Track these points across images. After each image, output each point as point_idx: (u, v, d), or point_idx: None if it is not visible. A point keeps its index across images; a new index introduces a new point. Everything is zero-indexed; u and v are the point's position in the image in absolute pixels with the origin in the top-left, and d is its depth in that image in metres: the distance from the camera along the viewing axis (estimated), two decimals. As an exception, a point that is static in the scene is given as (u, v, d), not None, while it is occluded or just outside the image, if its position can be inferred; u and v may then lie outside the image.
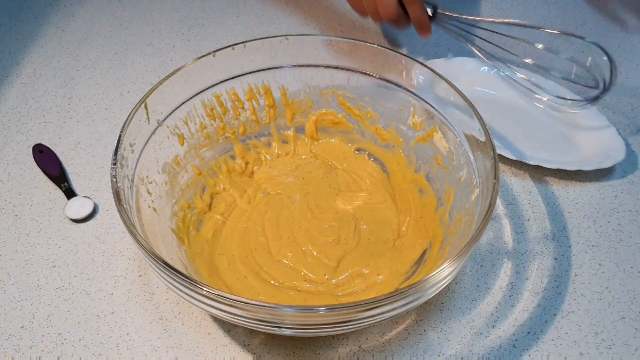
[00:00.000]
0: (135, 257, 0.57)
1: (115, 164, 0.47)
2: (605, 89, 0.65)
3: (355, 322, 0.41)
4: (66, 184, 0.63)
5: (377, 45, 0.59)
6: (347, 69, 0.60)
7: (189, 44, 0.83)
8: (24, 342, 0.50)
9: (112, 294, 0.54)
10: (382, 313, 0.41)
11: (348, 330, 0.48)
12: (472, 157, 0.52)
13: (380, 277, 0.52)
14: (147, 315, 0.52)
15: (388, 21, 0.69)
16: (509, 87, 0.73)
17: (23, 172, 0.65)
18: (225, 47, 0.57)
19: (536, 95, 0.72)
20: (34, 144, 0.67)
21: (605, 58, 0.63)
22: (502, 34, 0.68)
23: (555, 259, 0.56)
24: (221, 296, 0.39)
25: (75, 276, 0.55)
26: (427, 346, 0.50)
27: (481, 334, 0.51)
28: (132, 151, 0.50)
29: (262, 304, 0.39)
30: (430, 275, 0.41)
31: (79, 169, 0.65)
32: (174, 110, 0.56)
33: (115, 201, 0.45)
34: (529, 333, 0.51)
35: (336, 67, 0.60)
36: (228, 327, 0.51)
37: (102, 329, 0.51)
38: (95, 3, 0.91)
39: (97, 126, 0.71)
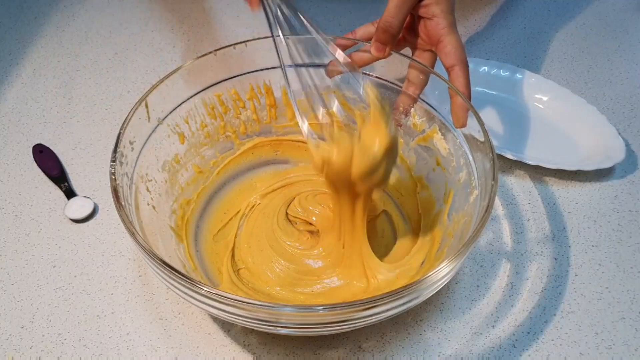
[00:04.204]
0: (135, 257, 0.57)
1: (114, 161, 0.47)
2: None
3: (353, 322, 0.41)
4: (66, 184, 0.63)
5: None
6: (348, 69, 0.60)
7: (189, 44, 0.83)
8: (24, 342, 0.50)
9: (112, 294, 0.54)
10: (380, 312, 0.40)
11: (347, 330, 0.48)
12: (471, 158, 0.52)
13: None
14: (147, 315, 0.52)
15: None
16: (509, 87, 0.73)
17: (23, 172, 0.65)
18: (227, 46, 0.57)
19: (536, 95, 0.72)
20: (34, 144, 0.67)
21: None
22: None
23: (555, 259, 0.56)
24: (220, 296, 0.39)
25: (75, 276, 0.55)
26: (427, 346, 0.50)
27: (481, 333, 0.51)
28: (132, 149, 0.50)
29: (261, 303, 0.39)
30: (428, 275, 0.41)
31: (79, 169, 0.65)
32: (174, 109, 0.56)
33: (113, 198, 0.45)
34: (529, 333, 0.51)
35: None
36: (228, 327, 0.51)
37: (102, 329, 0.51)
38: (95, 3, 0.91)
39: (97, 126, 0.71)
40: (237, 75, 0.59)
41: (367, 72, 0.59)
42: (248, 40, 0.58)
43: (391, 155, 0.46)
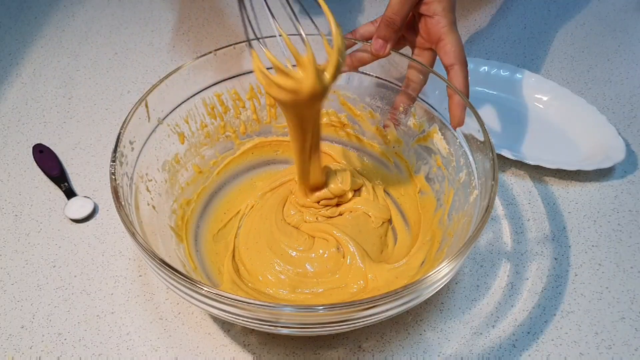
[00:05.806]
0: (135, 257, 0.57)
1: (114, 161, 0.47)
2: None
3: (353, 322, 0.41)
4: (66, 184, 0.63)
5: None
6: (348, 69, 0.60)
7: (189, 44, 0.83)
8: (24, 342, 0.50)
9: (112, 294, 0.54)
10: (380, 312, 0.40)
11: (346, 330, 0.48)
12: (471, 158, 0.52)
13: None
14: (147, 315, 0.52)
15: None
16: (509, 87, 0.73)
17: (23, 172, 0.65)
18: (227, 46, 0.57)
19: (536, 95, 0.72)
20: (34, 144, 0.67)
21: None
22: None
23: (555, 259, 0.56)
24: (220, 296, 0.39)
25: (75, 276, 0.55)
26: (427, 346, 0.50)
27: (481, 333, 0.51)
28: (132, 149, 0.50)
29: (261, 303, 0.39)
30: (428, 275, 0.41)
31: (79, 169, 0.65)
32: (174, 109, 0.56)
33: (113, 198, 0.45)
34: (529, 333, 0.51)
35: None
36: (228, 327, 0.51)
37: (102, 329, 0.51)
38: (95, 3, 0.91)
39: (97, 126, 0.71)
40: (237, 75, 0.59)
41: (367, 72, 0.59)
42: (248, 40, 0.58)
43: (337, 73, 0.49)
